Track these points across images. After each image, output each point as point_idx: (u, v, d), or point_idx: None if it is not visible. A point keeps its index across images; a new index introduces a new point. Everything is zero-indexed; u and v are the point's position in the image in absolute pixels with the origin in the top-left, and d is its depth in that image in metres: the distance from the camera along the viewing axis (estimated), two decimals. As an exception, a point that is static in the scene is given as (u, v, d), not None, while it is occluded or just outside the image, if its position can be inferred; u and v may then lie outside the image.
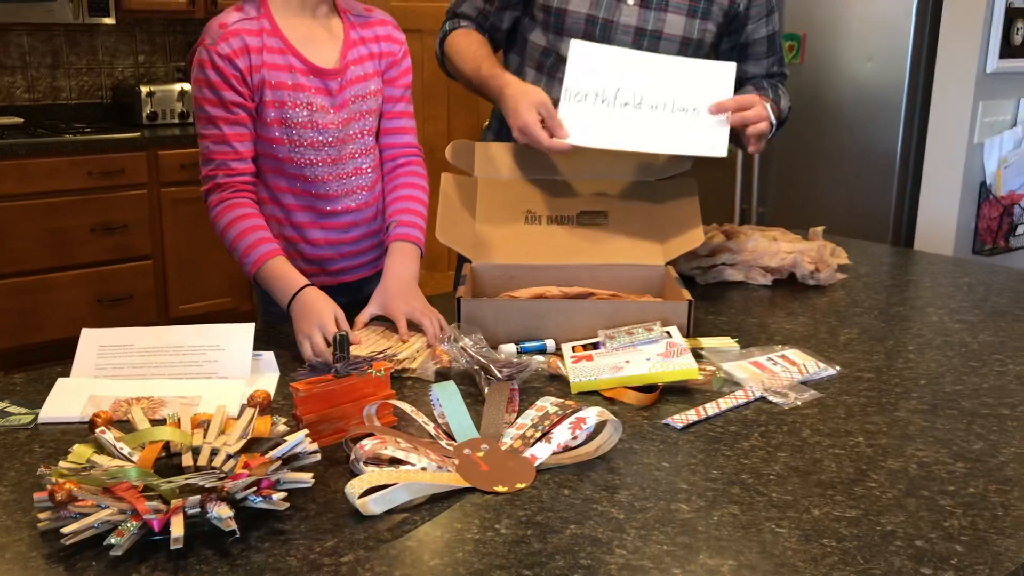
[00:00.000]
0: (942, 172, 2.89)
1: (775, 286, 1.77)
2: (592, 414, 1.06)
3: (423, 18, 3.99)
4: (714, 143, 1.56)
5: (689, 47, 1.70)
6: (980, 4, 2.74)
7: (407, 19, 4.28)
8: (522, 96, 1.56)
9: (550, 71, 1.74)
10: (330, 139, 1.53)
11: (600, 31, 1.69)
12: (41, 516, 0.87)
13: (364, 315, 1.43)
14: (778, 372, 1.29)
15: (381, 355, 1.30)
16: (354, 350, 1.30)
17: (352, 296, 1.56)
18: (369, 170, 1.60)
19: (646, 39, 1.69)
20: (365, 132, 1.58)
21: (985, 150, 2.88)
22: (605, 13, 1.68)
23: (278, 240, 1.49)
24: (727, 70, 1.59)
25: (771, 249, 1.77)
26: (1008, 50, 2.80)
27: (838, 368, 1.33)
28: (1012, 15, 2.79)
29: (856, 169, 3.12)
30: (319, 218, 1.57)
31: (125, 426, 1.07)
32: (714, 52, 1.78)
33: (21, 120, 4.02)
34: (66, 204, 3.80)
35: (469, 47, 1.73)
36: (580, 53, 1.58)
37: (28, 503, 0.92)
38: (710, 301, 1.67)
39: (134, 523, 0.84)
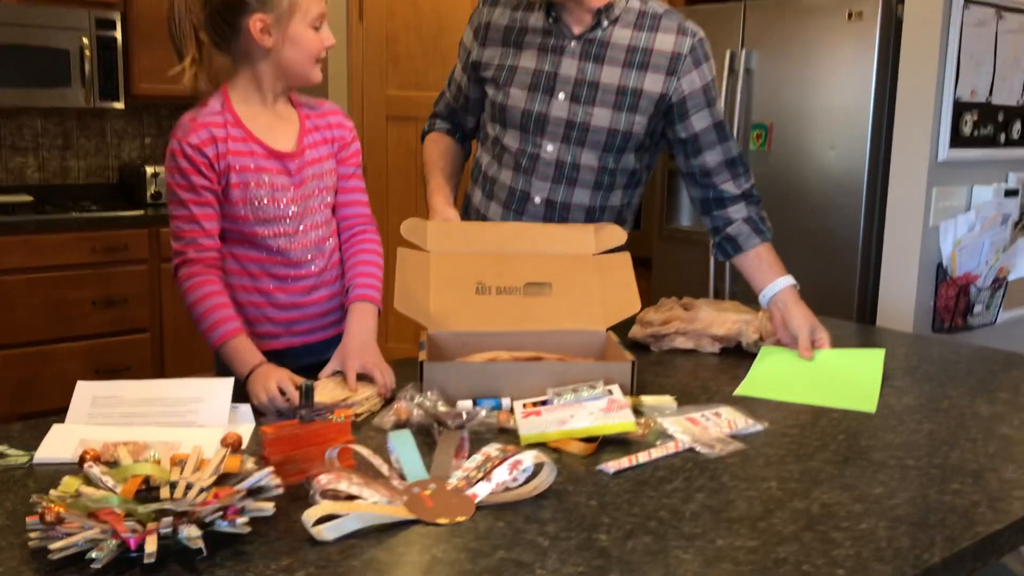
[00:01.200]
0: (900, 254, 3.05)
1: (724, 353, 1.90)
2: (528, 457, 1.18)
3: (417, 107, 4.21)
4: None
5: (617, 137, 1.87)
6: (929, 97, 2.93)
7: (401, 107, 4.53)
8: (433, 215, 1.93)
9: (498, 157, 1.98)
10: (291, 212, 1.71)
11: (534, 123, 1.91)
12: (32, 535, 0.99)
13: (325, 371, 1.60)
14: (709, 427, 1.42)
15: (342, 403, 1.44)
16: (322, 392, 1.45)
17: (317, 356, 1.70)
18: (328, 238, 1.78)
19: (575, 131, 1.89)
20: (323, 206, 1.76)
21: (940, 233, 3.04)
22: (539, 107, 1.90)
23: (246, 305, 1.67)
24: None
25: (719, 319, 1.91)
26: (958, 140, 2.99)
27: (766, 424, 1.46)
28: (960, 108, 2.98)
29: (822, 250, 3.28)
30: (284, 283, 1.73)
31: (112, 465, 1.20)
32: (649, 139, 1.94)
33: (31, 198, 4.20)
34: (69, 278, 3.96)
35: (432, 155, 2.04)
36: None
37: (21, 527, 1.04)
38: (660, 366, 1.80)
39: (113, 541, 0.96)
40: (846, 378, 1.70)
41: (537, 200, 1.94)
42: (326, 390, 1.52)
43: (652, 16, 1.91)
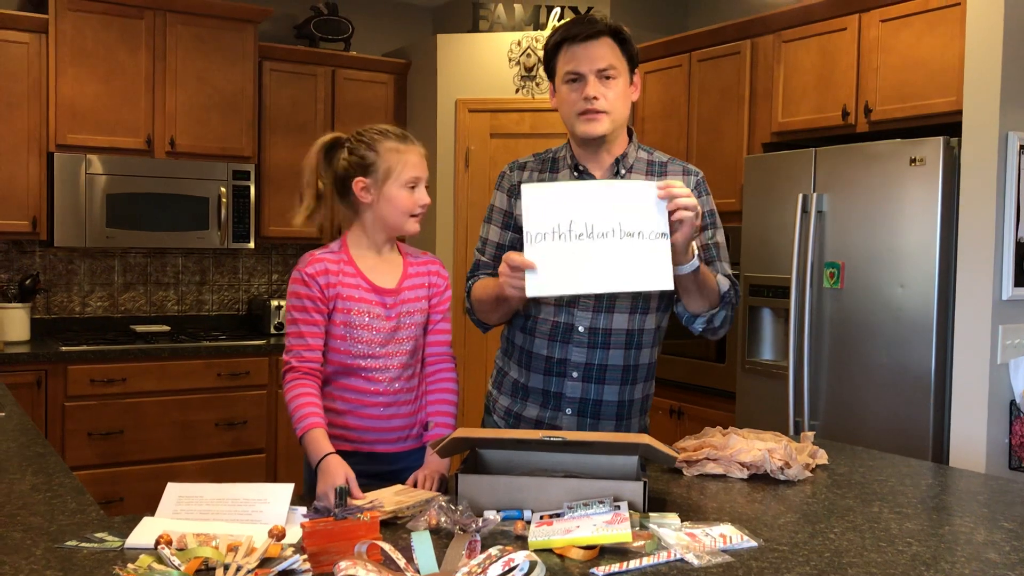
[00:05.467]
0: (970, 391, 3.09)
1: (751, 480, 2.03)
2: (521, 555, 1.37)
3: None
4: (659, 277, 1.89)
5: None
6: (989, 238, 3.03)
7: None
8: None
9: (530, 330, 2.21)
10: (381, 338, 2.03)
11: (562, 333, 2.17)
12: (109, 598, 1.25)
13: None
14: (705, 541, 1.57)
15: (371, 505, 1.67)
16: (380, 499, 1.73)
17: (374, 466, 1.95)
18: (410, 366, 2.07)
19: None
20: (410, 338, 2.07)
21: (1011, 370, 3.08)
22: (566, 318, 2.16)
23: (330, 411, 1.98)
24: (649, 187, 1.91)
25: (747, 447, 2.06)
26: (1023, 278, 3.06)
27: (761, 541, 1.59)
28: (1023, 248, 3.06)
29: (895, 386, 3.34)
30: (363, 396, 2.03)
31: (182, 549, 1.45)
32: None
33: (168, 328, 4.70)
34: (196, 401, 4.38)
35: (487, 285, 2.19)
36: (532, 196, 1.91)
37: (104, 594, 1.30)
38: (687, 488, 1.95)
39: (169, 605, 1.21)
40: (631, 253, 1.86)
41: (581, 329, 2.16)
42: (388, 494, 1.77)
43: (659, 164, 2.22)
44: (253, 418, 4.49)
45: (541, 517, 1.65)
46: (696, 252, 1.99)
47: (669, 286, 1.91)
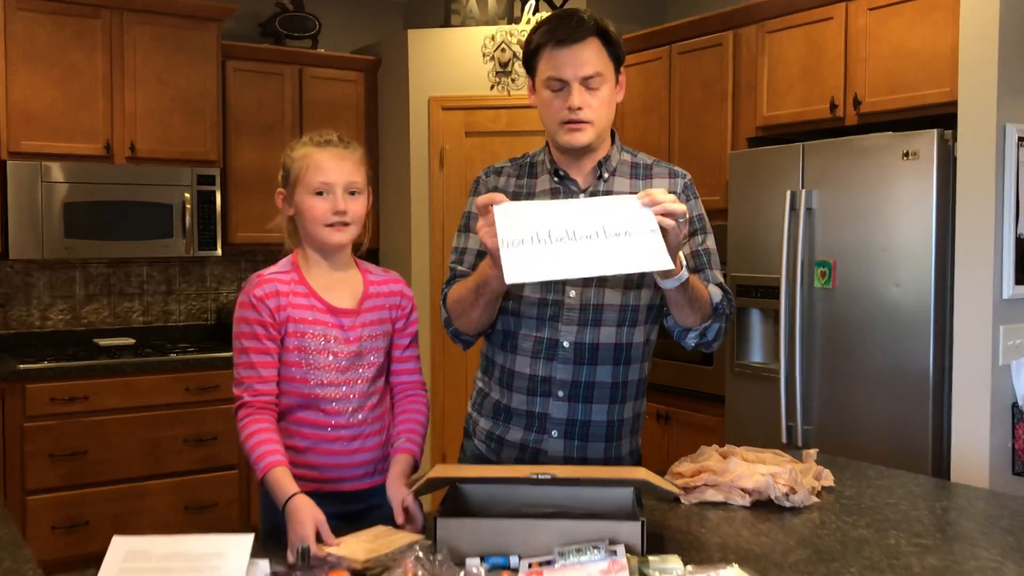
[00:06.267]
0: (971, 394, 2.96)
1: (754, 507, 1.89)
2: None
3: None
4: (655, 257, 1.70)
5: (634, 278, 1.98)
6: (988, 235, 2.90)
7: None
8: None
9: (514, 311, 2.02)
10: (342, 364, 1.85)
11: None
12: None
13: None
14: (711, 588, 1.42)
15: (337, 561, 1.51)
16: (351, 545, 1.57)
17: (341, 506, 1.79)
18: (373, 395, 1.88)
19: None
20: (372, 364, 1.89)
21: (1012, 372, 2.95)
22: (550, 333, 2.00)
23: (290, 448, 1.80)
24: (630, 200, 1.74)
25: (748, 471, 1.91)
26: (1024, 276, 2.93)
27: (771, 587, 1.45)
28: (1023, 244, 2.94)
29: (892, 389, 3.21)
30: (325, 431, 1.85)
31: (126, 621, 1.28)
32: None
33: (133, 341, 4.51)
34: (163, 417, 4.19)
35: (464, 282, 1.99)
36: (505, 213, 1.73)
37: None
38: (687, 520, 1.81)
39: None
40: (620, 242, 1.69)
41: (566, 344, 2.01)
42: (358, 542, 1.59)
43: (643, 166, 2.08)
44: (223, 433, 4.30)
45: (530, 565, 1.49)
46: (684, 264, 1.84)
47: (669, 265, 1.72)
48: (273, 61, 4.78)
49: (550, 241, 1.72)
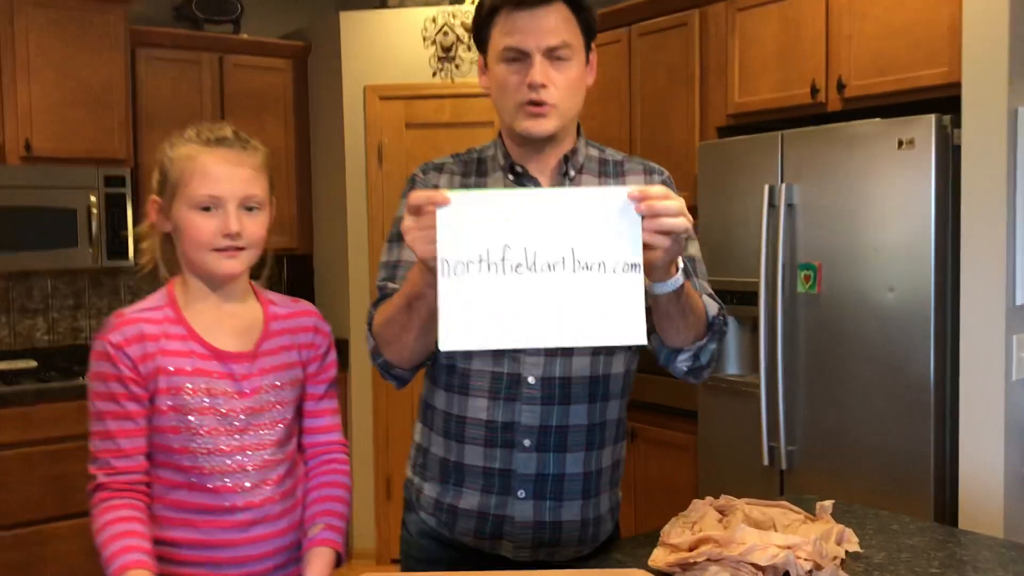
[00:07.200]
0: (981, 413, 2.64)
1: (770, 587, 1.51)
2: None
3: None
4: (627, 326, 1.33)
5: None
6: (999, 234, 2.57)
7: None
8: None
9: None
10: (234, 426, 1.44)
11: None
12: None
13: None
14: None
15: None
16: None
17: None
18: (278, 464, 1.48)
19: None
20: (275, 423, 1.48)
21: (1027, 387, 2.64)
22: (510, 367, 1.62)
23: (170, 541, 1.41)
24: (618, 194, 1.34)
25: (761, 543, 1.53)
26: (1040, 280, 2.61)
27: None
28: (1038, 244, 2.62)
29: (886, 406, 2.88)
30: (213, 516, 1.44)
31: None
32: None
33: (35, 364, 4.03)
34: (69, 451, 3.73)
35: (392, 300, 1.56)
36: (450, 209, 1.31)
37: None
38: (688, 613, 1.42)
39: None
40: (588, 294, 1.33)
41: (531, 380, 1.61)
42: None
43: (614, 163, 1.74)
44: (141, 465, 3.85)
45: None
46: (680, 266, 1.45)
47: (641, 339, 1.35)
48: (190, 48, 4.36)
49: (500, 268, 1.32)
